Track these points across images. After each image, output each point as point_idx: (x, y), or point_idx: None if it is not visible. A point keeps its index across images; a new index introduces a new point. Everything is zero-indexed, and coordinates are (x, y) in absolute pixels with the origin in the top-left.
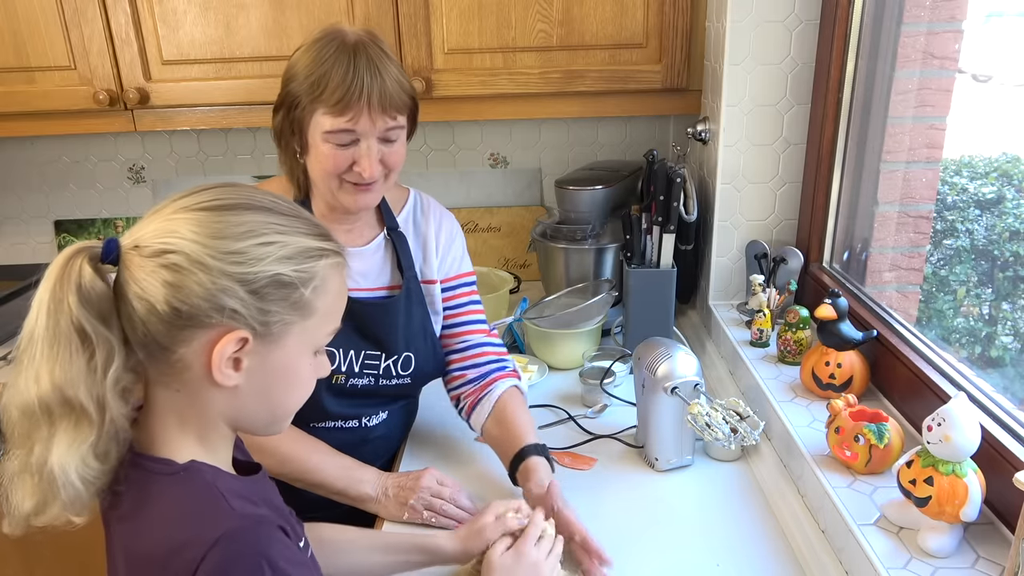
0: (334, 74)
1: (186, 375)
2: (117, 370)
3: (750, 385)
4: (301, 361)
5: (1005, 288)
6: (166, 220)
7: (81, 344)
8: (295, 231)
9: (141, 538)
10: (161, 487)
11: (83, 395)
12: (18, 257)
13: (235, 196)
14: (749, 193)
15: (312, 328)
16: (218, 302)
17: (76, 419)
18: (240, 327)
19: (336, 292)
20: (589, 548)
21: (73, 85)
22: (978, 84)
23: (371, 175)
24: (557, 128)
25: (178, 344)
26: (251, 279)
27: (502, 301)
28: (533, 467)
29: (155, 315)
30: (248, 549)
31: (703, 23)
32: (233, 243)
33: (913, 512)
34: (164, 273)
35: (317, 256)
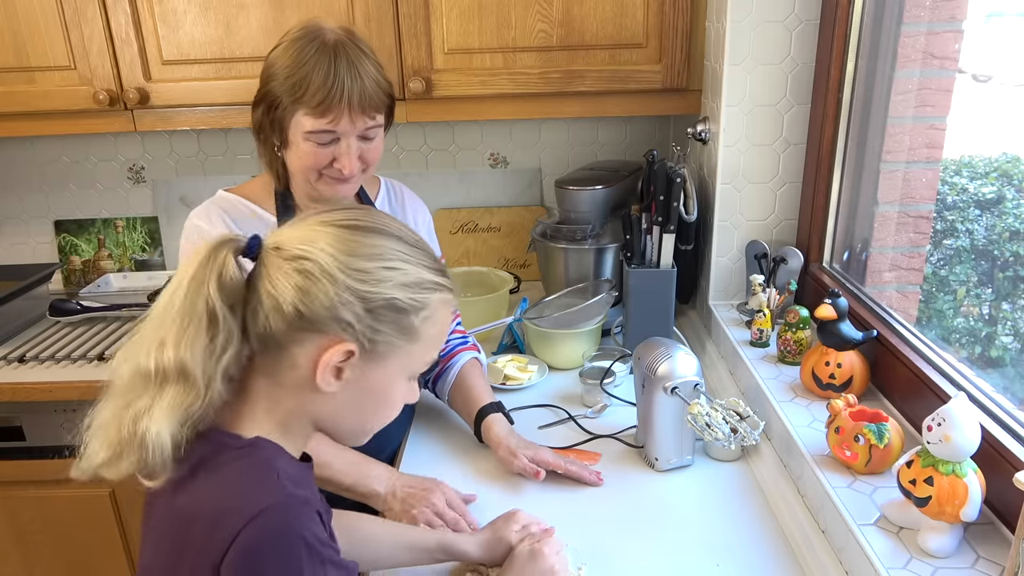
0: (315, 76)
1: (291, 372)
2: (231, 355)
3: (750, 385)
4: (396, 383)
5: (1005, 288)
6: (309, 229)
7: (209, 326)
8: (417, 262)
9: (194, 499)
10: (226, 457)
11: (198, 370)
12: (18, 257)
13: (372, 220)
14: (749, 193)
15: (414, 354)
16: (336, 313)
17: (185, 389)
18: (350, 340)
19: (441, 325)
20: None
21: (73, 85)
22: (978, 84)
23: (351, 172)
24: (557, 128)
25: (292, 343)
26: (370, 298)
27: (502, 301)
28: (492, 422)
29: (279, 313)
30: (287, 526)
31: (703, 23)
32: (362, 262)
33: (913, 512)
34: (297, 277)
35: (432, 289)
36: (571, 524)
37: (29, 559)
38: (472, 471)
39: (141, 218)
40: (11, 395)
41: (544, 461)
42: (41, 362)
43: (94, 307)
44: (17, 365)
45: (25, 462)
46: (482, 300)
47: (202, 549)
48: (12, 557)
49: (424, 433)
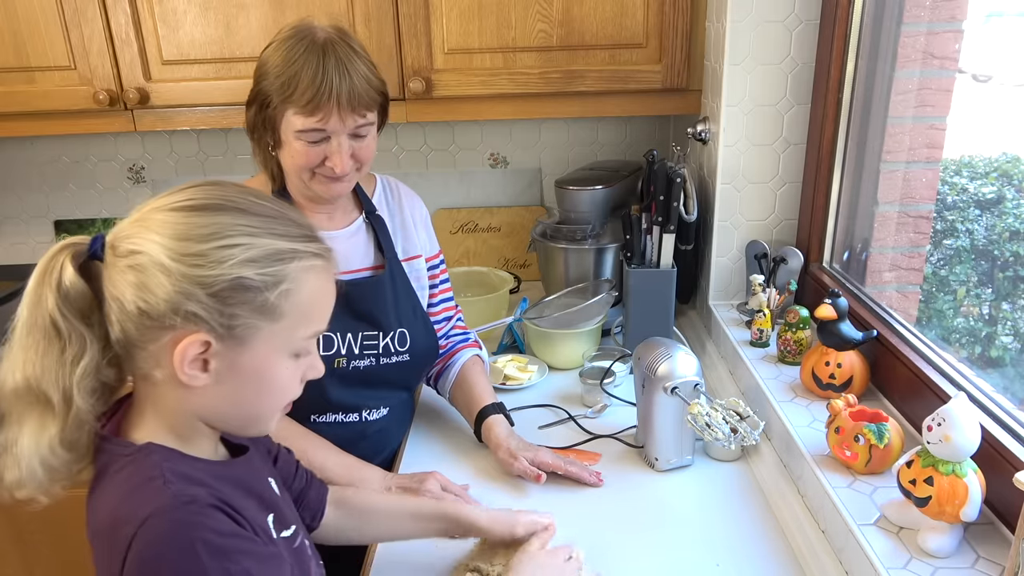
0: (303, 75)
1: (157, 372)
2: (87, 365)
3: (750, 385)
4: (275, 364)
5: (1005, 288)
6: (141, 219)
7: (55, 338)
8: (267, 232)
9: (94, 515)
10: (117, 467)
11: (50, 387)
12: (18, 257)
13: (210, 196)
14: (749, 193)
15: (282, 331)
16: (178, 305)
17: (42, 410)
18: (201, 330)
19: (310, 296)
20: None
21: (73, 85)
22: (978, 84)
23: (343, 170)
24: (557, 128)
25: (147, 343)
26: (211, 282)
27: (502, 301)
28: (492, 423)
29: (125, 313)
30: (176, 528)
31: (703, 23)
32: (195, 245)
33: (913, 512)
34: (131, 274)
35: (288, 259)
36: (571, 524)
37: (29, 559)
38: (472, 471)
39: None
40: None
41: (544, 463)
42: None
43: None
44: None
45: None
46: (482, 300)
47: (107, 562)
48: (12, 557)
49: (424, 433)
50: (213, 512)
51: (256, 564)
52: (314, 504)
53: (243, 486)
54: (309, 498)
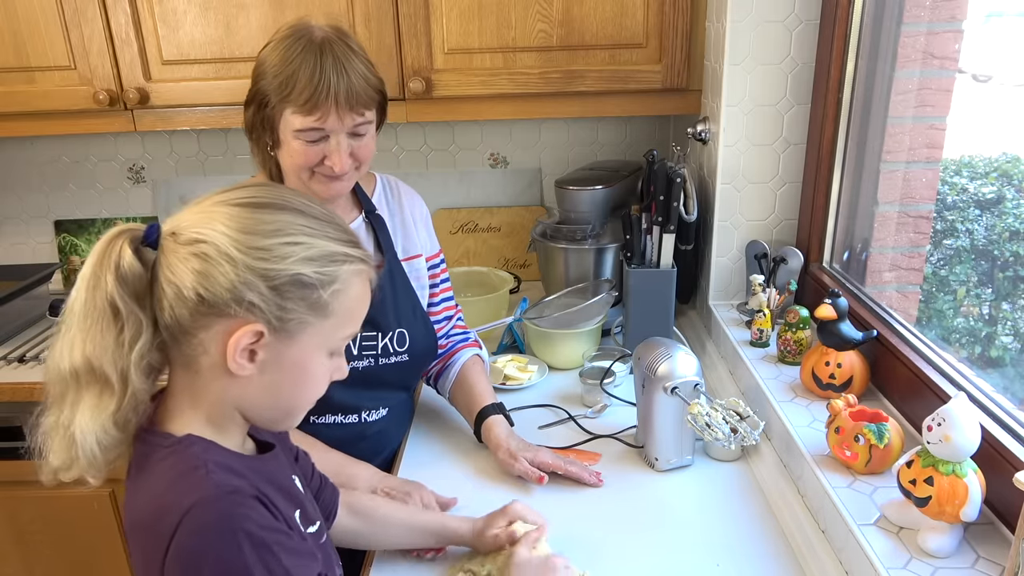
0: (301, 74)
1: (203, 360)
2: (143, 347)
3: (750, 385)
4: (315, 360)
5: (1005, 288)
6: (204, 211)
7: (113, 319)
8: (323, 235)
9: (135, 504)
10: (157, 457)
11: (108, 367)
12: (18, 257)
13: (271, 195)
14: (749, 193)
15: (328, 329)
16: (239, 294)
17: (100, 389)
18: (257, 320)
19: (356, 298)
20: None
21: (73, 85)
22: (978, 84)
23: (342, 169)
24: (557, 128)
25: (199, 329)
26: (273, 276)
27: (502, 301)
28: (492, 424)
29: (181, 300)
30: (220, 518)
31: (703, 23)
32: (261, 239)
33: (913, 512)
34: (194, 261)
35: (341, 261)
36: (571, 524)
37: (29, 559)
38: (472, 471)
39: (141, 218)
40: (11, 395)
41: (544, 463)
42: (41, 362)
43: None
44: (17, 365)
45: (25, 462)
46: (482, 300)
47: (150, 554)
48: (12, 557)
49: (424, 433)
50: (255, 504)
51: (293, 559)
52: (328, 505)
53: (274, 481)
54: (323, 499)
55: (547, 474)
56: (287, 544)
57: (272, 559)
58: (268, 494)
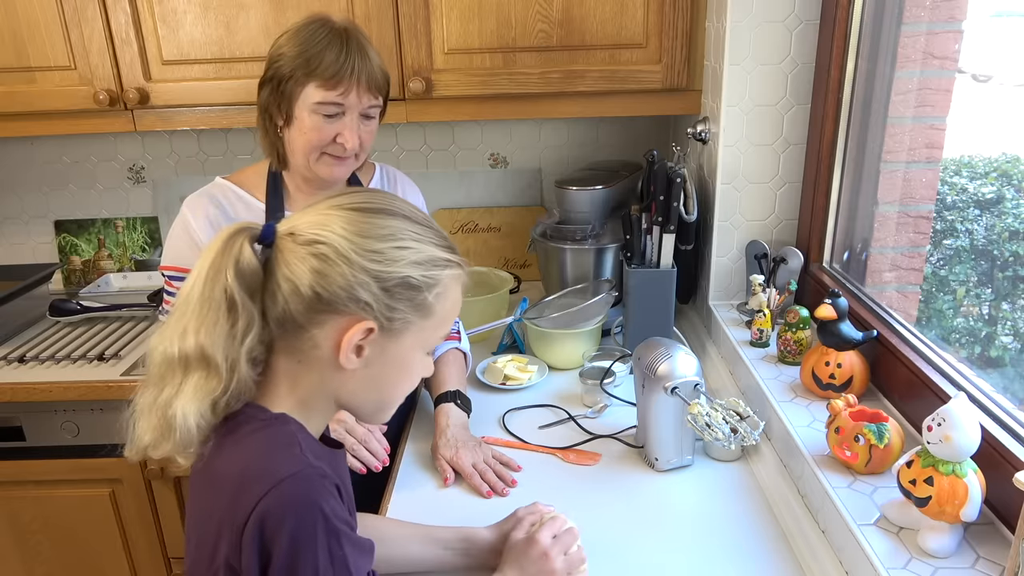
0: (328, 53)
1: (313, 352)
2: (253, 339)
3: (750, 385)
4: (414, 357)
5: (1005, 288)
6: (321, 214)
7: (228, 312)
8: (428, 241)
9: (221, 466)
10: (252, 428)
11: (220, 356)
12: (18, 257)
13: (382, 202)
14: (749, 193)
15: (428, 329)
16: (354, 293)
17: (207, 374)
18: (369, 318)
19: (454, 300)
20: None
21: (73, 85)
22: (978, 84)
23: (353, 146)
24: (557, 128)
25: (313, 325)
26: (385, 277)
27: (502, 301)
28: (439, 412)
29: (298, 296)
30: (306, 495)
31: (703, 23)
32: (376, 243)
33: (913, 512)
34: (313, 261)
35: (444, 266)
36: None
37: (29, 559)
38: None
39: (141, 218)
40: (11, 395)
41: (460, 467)
42: (41, 362)
43: (94, 307)
44: (17, 365)
45: (25, 462)
46: (482, 300)
47: (227, 513)
48: (12, 557)
49: (425, 433)
50: (336, 492)
51: (354, 551)
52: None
53: (341, 476)
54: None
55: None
56: (352, 537)
57: (336, 546)
58: (340, 487)
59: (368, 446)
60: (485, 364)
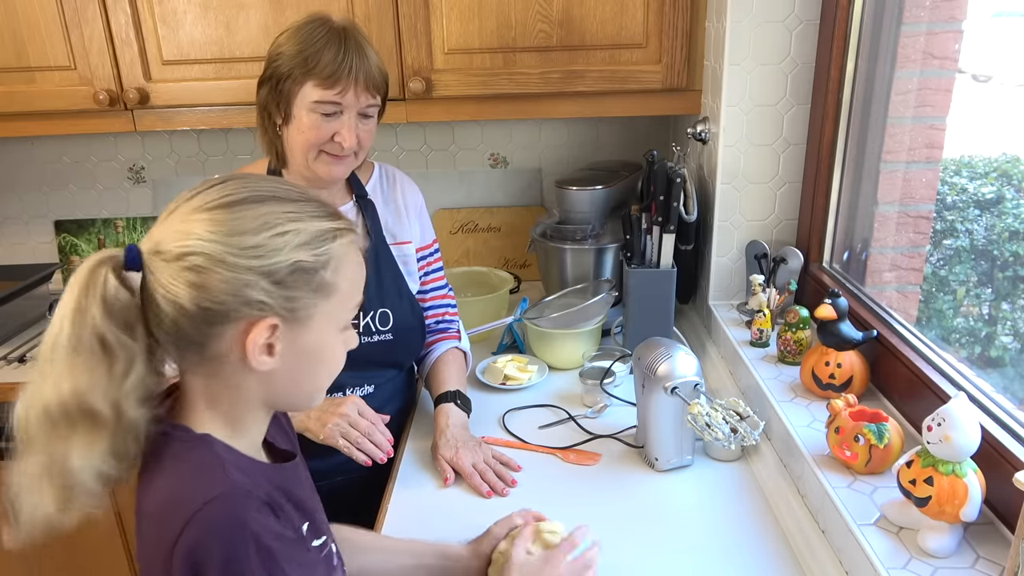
0: (326, 52)
1: (220, 365)
2: (136, 377)
3: (750, 385)
4: (329, 339)
5: (1005, 288)
6: (182, 222)
7: (103, 353)
8: (307, 215)
9: (148, 495)
10: (175, 450)
11: (100, 402)
12: (18, 257)
13: (242, 190)
14: (749, 193)
15: (335, 306)
16: (244, 296)
17: (92, 424)
18: (269, 315)
19: (354, 268)
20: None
21: (73, 85)
22: (978, 84)
23: (350, 145)
24: (557, 128)
25: (210, 339)
26: (273, 270)
27: (502, 301)
28: (439, 412)
29: (185, 315)
30: (231, 516)
31: (703, 23)
32: (250, 238)
33: (913, 512)
34: (188, 275)
35: (332, 237)
36: (570, 524)
37: (29, 560)
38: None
39: (141, 218)
40: (11, 395)
41: (460, 467)
42: None
43: None
44: (17, 365)
45: None
46: (482, 300)
47: (155, 548)
48: (12, 557)
49: (425, 432)
50: (266, 509)
51: (298, 568)
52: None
53: (286, 491)
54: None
55: (546, 470)
56: (293, 554)
57: (275, 567)
58: (279, 502)
59: (372, 439)
60: (485, 364)
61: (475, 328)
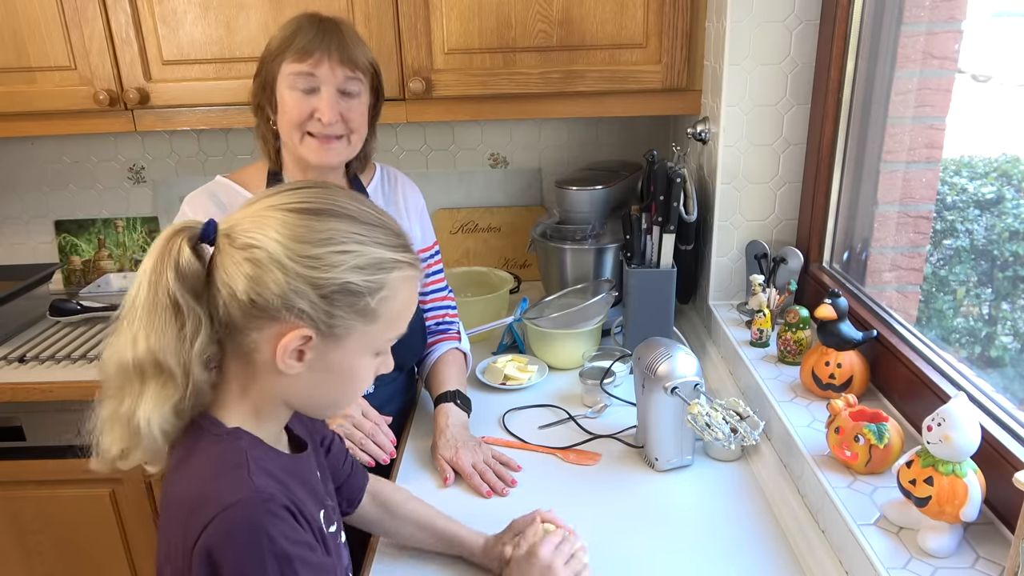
0: (302, 32)
1: (255, 356)
2: (203, 341)
3: (750, 385)
4: (360, 361)
5: (1005, 288)
6: (258, 215)
7: (174, 315)
8: (373, 242)
9: (179, 484)
10: (206, 443)
11: (172, 360)
12: (18, 257)
13: (324, 201)
14: (749, 193)
15: (374, 333)
16: (289, 301)
17: (164, 380)
18: (306, 325)
19: (403, 302)
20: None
21: (73, 85)
22: (978, 84)
23: (329, 119)
24: (557, 128)
25: (251, 329)
26: (323, 284)
27: (502, 301)
28: (439, 412)
29: (235, 301)
30: (250, 522)
31: (703, 23)
32: (312, 248)
33: (913, 512)
34: (247, 266)
35: (390, 268)
36: (571, 524)
37: (29, 559)
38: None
39: (141, 218)
40: (11, 395)
41: (459, 467)
42: (41, 362)
43: (94, 307)
44: (17, 365)
45: (25, 462)
46: (482, 300)
47: (177, 538)
48: (12, 557)
49: (426, 432)
50: (286, 515)
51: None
52: (354, 491)
53: (304, 481)
54: (351, 485)
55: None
56: (309, 560)
57: (289, 571)
58: (299, 496)
59: (376, 439)
60: (485, 364)
61: (475, 328)
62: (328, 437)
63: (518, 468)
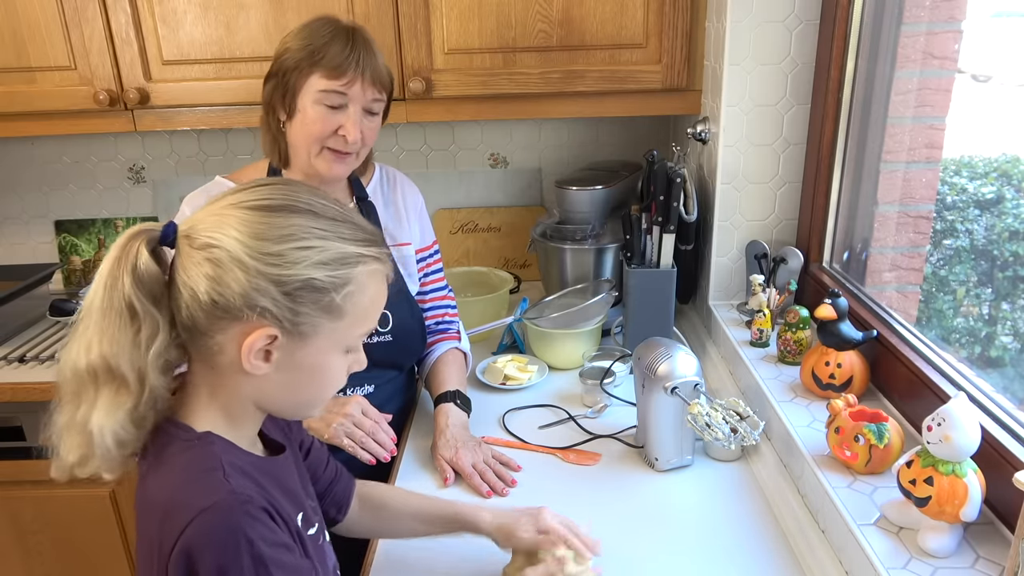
0: (334, 45)
1: (221, 358)
2: (160, 346)
3: (750, 385)
4: (329, 359)
5: (1005, 288)
6: (218, 214)
7: (130, 320)
8: (337, 237)
9: (151, 491)
10: (176, 449)
11: (125, 366)
12: (18, 257)
13: (284, 197)
14: (749, 193)
15: (342, 330)
16: (252, 300)
17: (117, 387)
18: (270, 324)
19: (371, 298)
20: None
21: (73, 85)
22: (978, 84)
23: (354, 139)
24: (557, 128)
25: (215, 331)
26: (285, 281)
27: (502, 301)
28: (439, 412)
29: (197, 302)
30: (228, 524)
31: (703, 23)
32: (273, 245)
33: (913, 512)
34: (207, 266)
35: (355, 263)
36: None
37: (29, 559)
38: None
39: (141, 218)
40: (11, 395)
41: (459, 467)
42: (41, 362)
43: None
44: (17, 365)
45: (25, 462)
46: (482, 300)
47: (155, 542)
48: (12, 557)
49: (426, 431)
50: (264, 516)
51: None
52: (341, 497)
53: (281, 483)
54: (336, 491)
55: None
56: (286, 562)
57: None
58: (276, 499)
59: (376, 438)
60: (485, 364)
61: (475, 328)
62: (307, 441)
63: (518, 468)
